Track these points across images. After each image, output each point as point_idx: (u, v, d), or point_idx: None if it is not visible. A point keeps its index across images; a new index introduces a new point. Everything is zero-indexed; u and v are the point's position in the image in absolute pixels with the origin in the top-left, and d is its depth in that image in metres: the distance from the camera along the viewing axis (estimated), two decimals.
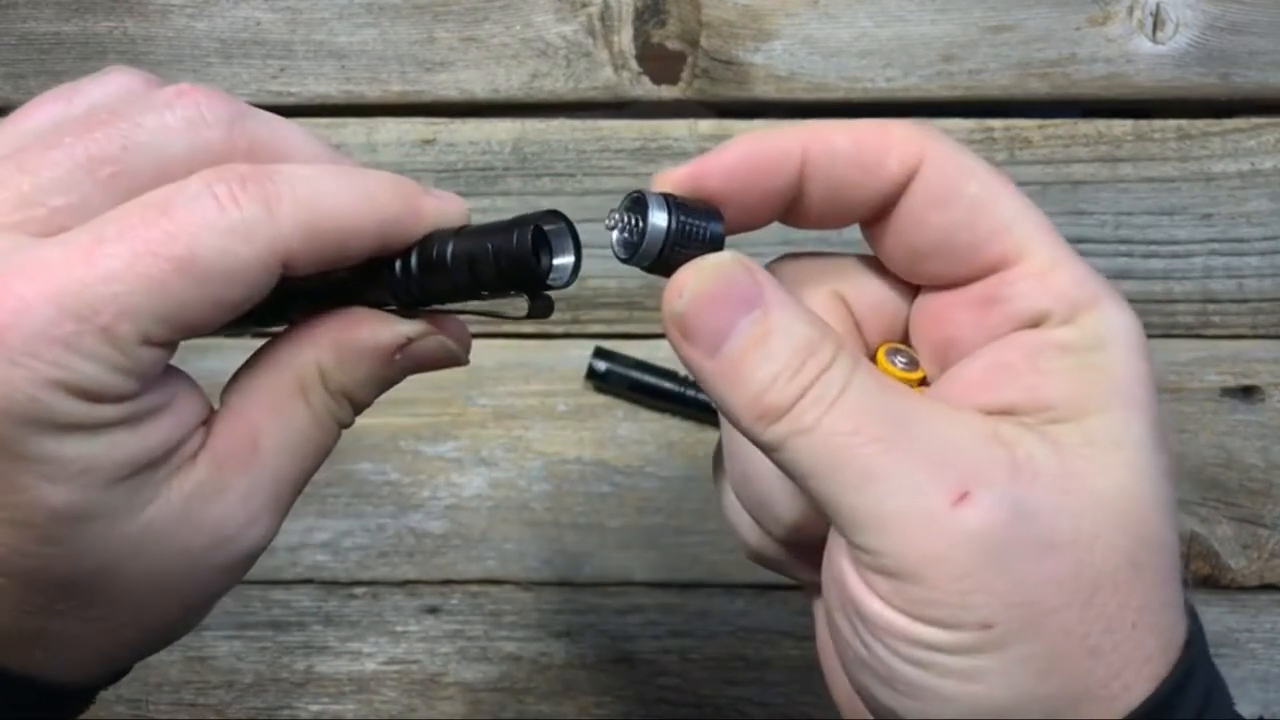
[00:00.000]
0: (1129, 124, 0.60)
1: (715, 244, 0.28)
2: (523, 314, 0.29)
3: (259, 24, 0.60)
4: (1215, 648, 0.61)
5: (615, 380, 0.61)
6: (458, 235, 0.29)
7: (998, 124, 0.60)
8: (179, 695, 0.62)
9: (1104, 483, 0.26)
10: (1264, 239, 0.60)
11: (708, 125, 0.60)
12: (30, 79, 0.61)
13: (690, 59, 0.60)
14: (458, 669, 0.62)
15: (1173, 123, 0.60)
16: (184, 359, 0.27)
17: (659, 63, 0.60)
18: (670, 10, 0.59)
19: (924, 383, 0.31)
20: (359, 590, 0.62)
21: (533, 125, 0.61)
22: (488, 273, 0.28)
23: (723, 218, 0.28)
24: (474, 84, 0.61)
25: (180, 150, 0.27)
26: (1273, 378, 0.61)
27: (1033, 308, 0.28)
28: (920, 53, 0.59)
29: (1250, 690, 0.62)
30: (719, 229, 0.28)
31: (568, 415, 0.62)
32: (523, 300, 0.29)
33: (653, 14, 0.60)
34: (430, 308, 0.31)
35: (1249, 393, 0.61)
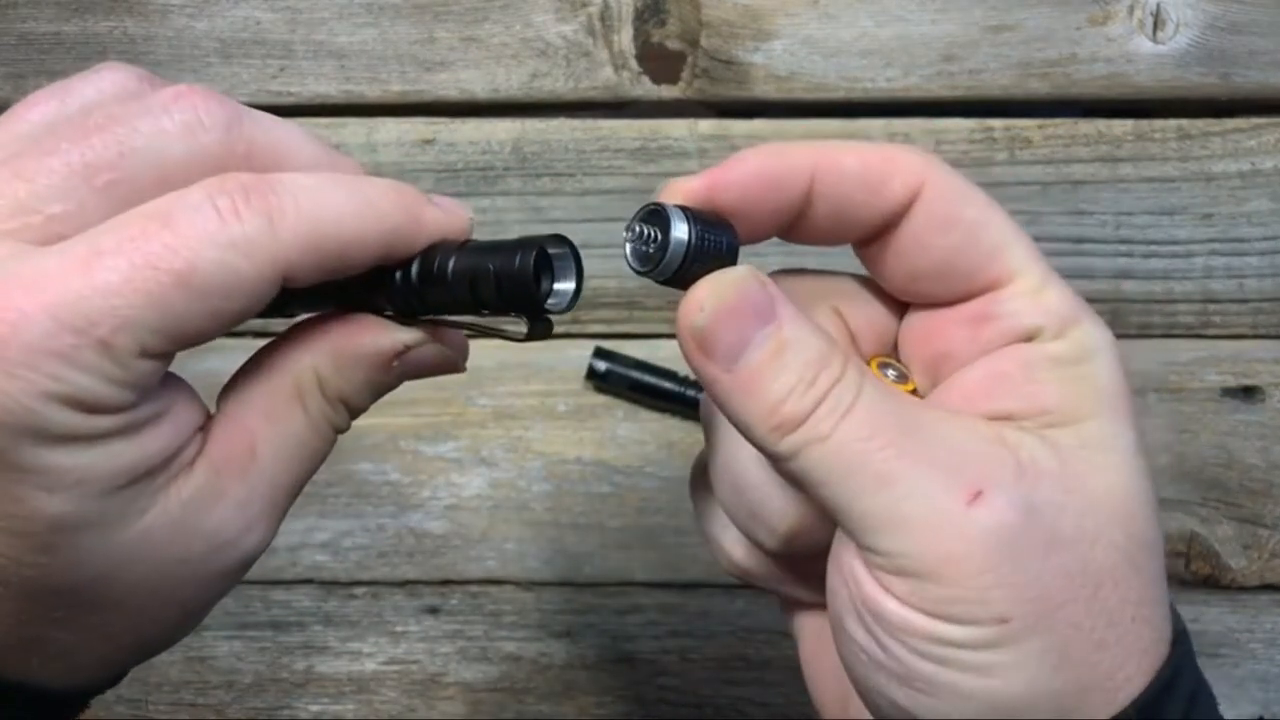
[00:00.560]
0: (1129, 124, 0.60)
1: (730, 257, 0.28)
2: (522, 336, 0.29)
3: (259, 24, 0.60)
4: (1215, 648, 0.61)
5: (615, 380, 0.61)
6: (461, 250, 0.29)
7: (998, 124, 0.59)
8: (179, 695, 0.63)
9: (1101, 483, 0.28)
10: (1264, 239, 0.60)
11: (708, 125, 0.60)
12: (30, 79, 0.61)
13: (690, 59, 0.60)
14: (458, 669, 0.62)
15: (1173, 123, 0.60)
16: (183, 359, 0.27)
17: (659, 63, 0.60)
18: (670, 10, 0.59)
19: (914, 394, 0.32)
20: (359, 590, 0.62)
21: (533, 125, 0.61)
22: (488, 292, 0.28)
23: (736, 231, 0.29)
24: (474, 84, 0.60)
25: (178, 155, 0.26)
26: (1273, 378, 0.61)
27: (1026, 324, 0.29)
28: (920, 52, 0.59)
29: (1250, 690, 0.62)
30: (735, 242, 0.28)
31: (568, 415, 0.62)
32: (522, 321, 0.29)
33: (653, 14, 0.59)
34: (429, 318, 0.30)
35: (1249, 393, 0.61)
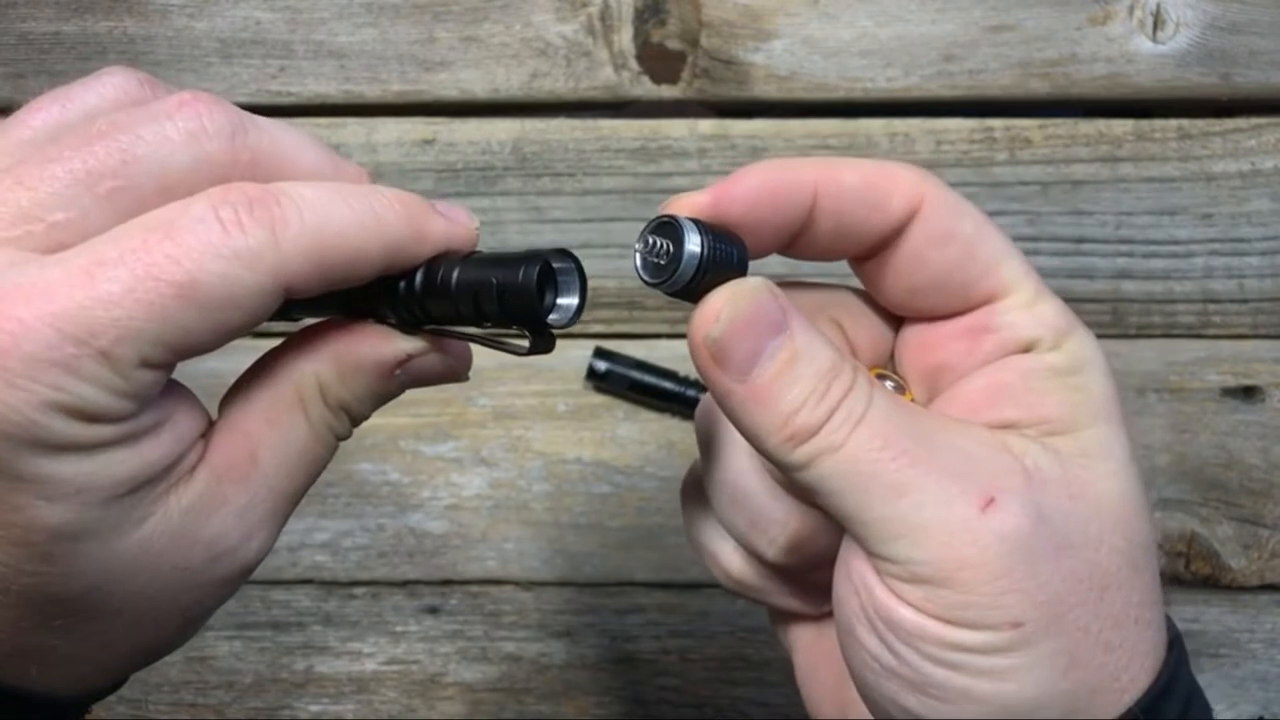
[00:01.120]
0: (1129, 124, 0.60)
1: (741, 269, 0.28)
2: (524, 350, 0.29)
3: (259, 24, 0.60)
4: (1215, 648, 0.61)
5: (615, 380, 0.61)
6: (465, 262, 0.29)
7: (998, 124, 0.59)
8: (179, 695, 0.63)
9: (1101, 489, 0.28)
10: (1264, 239, 0.60)
11: (708, 125, 0.60)
12: (30, 79, 0.61)
13: (690, 59, 0.60)
14: (458, 669, 0.62)
15: (1173, 122, 0.60)
16: (185, 361, 0.26)
17: (659, 62, 0.60)
18: (670, 10, 0.59)
19: None
20: (359, 590, 0.62)
21: (533, 125, 0.61)
22: (490, 305, 0.28)
23: (744, 244, 0.29)
24: (474, 84, 0.60)
25: (181, 163, 0.26)
26: (1273, 378, 0.61)
27: (1024, 335, 0.30)
28: (921, 52, 0.59)
29: (1250, 690, 0.62)
30: (744, 254, 0.29)
31: (568, 415, 0.62)
32: (525, 334, 0.29)
33: (653, 14, 0.59)
34: (432, 328, 0.30)
35: (1249, 393, 0.61)
